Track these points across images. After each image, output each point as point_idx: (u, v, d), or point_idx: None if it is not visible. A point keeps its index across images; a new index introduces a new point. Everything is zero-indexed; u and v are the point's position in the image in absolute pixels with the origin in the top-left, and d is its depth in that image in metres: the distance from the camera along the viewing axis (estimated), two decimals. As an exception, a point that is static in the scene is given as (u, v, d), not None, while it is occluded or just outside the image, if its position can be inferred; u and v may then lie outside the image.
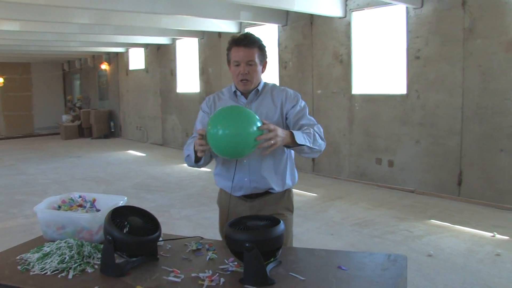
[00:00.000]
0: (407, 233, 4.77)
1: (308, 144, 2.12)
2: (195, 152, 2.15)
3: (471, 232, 4.76)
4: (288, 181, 2.41)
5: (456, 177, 5.94)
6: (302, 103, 2.34)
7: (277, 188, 2.36)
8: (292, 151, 2.38)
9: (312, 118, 2.31)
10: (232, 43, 2.28)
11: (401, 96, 6.51)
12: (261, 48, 2.29)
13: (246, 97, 2.35)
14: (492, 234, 4.65)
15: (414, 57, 6.26)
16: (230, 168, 2.33)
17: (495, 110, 5.51)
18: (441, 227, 4.95)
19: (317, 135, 2.18)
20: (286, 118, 2.33)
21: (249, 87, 2.31)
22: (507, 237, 4.57)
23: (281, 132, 2.02)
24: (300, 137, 2.09)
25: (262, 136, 1.95)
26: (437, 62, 6.03)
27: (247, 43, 2.24)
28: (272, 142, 1.96)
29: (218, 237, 2.53)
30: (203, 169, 8.41)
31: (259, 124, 1.97)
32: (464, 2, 5.64)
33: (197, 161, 2.24)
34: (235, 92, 2.36)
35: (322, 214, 5.57)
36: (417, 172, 6.40)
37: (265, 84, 2.40)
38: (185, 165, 9.02)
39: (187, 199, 6.45)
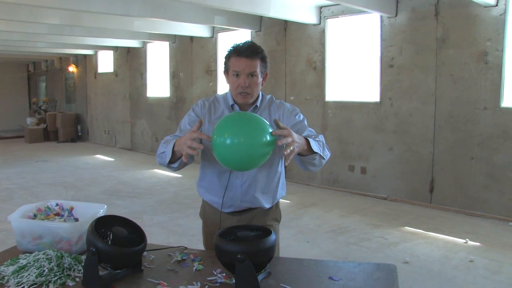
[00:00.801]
0: (382, 240, 4.80)
1: (321, 153, 2.04)
2: (174, 151, 1.99)
3: (445, 238, 4.83)
4: (278, 196, 2.34)
5: (428, 184, 6.03)
6: (300, 116, 2.23)
7: (268, 206, 2.29)
8: (283, 164, 2.32)
9: (313, 130, 2.22)
10: (233, 52, 2.12)
11: (375, 103, 6.58)
12: (263, 59, 2.13)
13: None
14: (464, 241, 4.73)
15: (388, 65, 6.34)
16: (220, 184, 2.21)
17: (467, 118, 5.63)
18: (415, 234, 5.00)
19: (325, 145, 2.12)
20: None
21: (248, 100, 2.16)
22: (478, 244, 4.66)
23: (297, 137, 1.90)
24: (314, 145, 2.00)
25: (282, 141, 1.82)
26: (410, 71, 6.12)
27: (249, 54, 2.07)
28: (291, 148, 1.82)
29: (194, 244, 2.45)
30: (173, 174, 8.37)
31: (270, 130, 1.85)
32: (437, 12, 5.76)
33: (172, 162, 2.05)
34: (232, 105, 2.20)
35: (296, 221, 5.55)
36: (390, 179, 6.46)
37: (263, 98, 2.25)
38: (156, 170, 8.83)
39: (159, 205, 6.32)
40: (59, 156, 11.13)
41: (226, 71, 2.17)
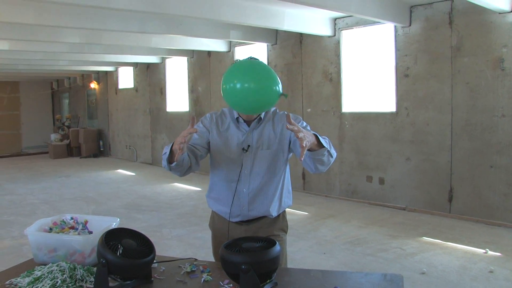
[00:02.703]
0: (399, 250, 4.76)
1: (329, 148, 2.08)
2: (172, 150, 2.05)
3: (464, 249, 4.76)
4: (284, 204, 2.39)
5: (447, 193, 5.97)
6: (303, 123, 2.29)
7: (275, 214, 2.35)
8: (288, 173, 2.37)
9: (317, 133, 2.25)
10: None
11: (391, 113, 6.56)
12: None
13: (248, 125, 2.28)
14: (484, 251, 4.65)
15: (403, 75, 6.33)
16: (229, 193, 2.29)
17: (484, 126, 5.57)
18: (433, 244, 4.95)
19: (331, 145, 2.15)
20: (290, 142, 2.27)
21: (251, 116, 2.25)
22: (499, 254, 4.58)
23: (307, 132, 1.95)
24: (323, 140, 2.05)
25: (296, 135, 1.90)
26: (426, 80, 6.10)
27: None
28: (304, 143, 1.87)
29: (211, 257, 2.50)
30: (193, 188, 8.43)
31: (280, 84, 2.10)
32: (451, 21, 5.74)
33: (170, 162, 2.09)
34: (237, 118, 2.28)
35: (314, 232, 5.54)
36: (408, 189, 6.41)
37: (267, 110, 2.32)
38: (176, 184, 8.92)
39: (178, 219, 6.39)
40: (82, 171, 11.35)
41: None
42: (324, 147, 2.05)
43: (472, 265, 4.31)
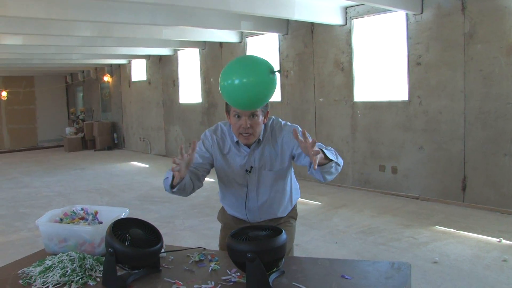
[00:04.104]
0: (412, 240, 4.74)
1: (335, 160, 2.08)
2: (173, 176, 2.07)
3: (477, 238, 4.72)
4: (294, 201, 2.45)
5: (460, 182, 5.91)
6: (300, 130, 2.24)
7: (284, 215, 2.41)
8: (293, 173, 2.40)
9: (321, 144, 2.21)
10: None
11: (403, 102, 6.50)
12: None
13: (248, 146, 2.27)
14: (498, 240, 4.60)
15: (415, 63, 6.26)
16: (239, 208, 2.36)
17: (498, 114, 5.49)
18: (446, 233, 4.91)
19: (337, 154, 2.14)
20: (293, 157, 2.26)
21: (251, 141, 2.22)
22: (513, 243, 4.54)
23: (316, 148, 1.95)
24: (329, 153, 2.05)
25: (314, 156, 1.91)
26: (438, 68, 6.03)
27: None
28: (318, 158, 1.89)
29: (221, 248, 2.53)
30: (207, 179, 8.44)
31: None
32: (464, 7, 5.65)
33: (172, 186, 2.11)
34: (237, 142, 2.26)
35: (326, 222, 5.54)
36: (421, 178, 6.37)
37: (265, 129, 2.28)
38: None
39: (191, 209, 6.43)
40: (96, 164, 11.46)
41: (227, 112, 2.23)
42: (332, 160, 2.05)
43: (485, 254, 4.27)
